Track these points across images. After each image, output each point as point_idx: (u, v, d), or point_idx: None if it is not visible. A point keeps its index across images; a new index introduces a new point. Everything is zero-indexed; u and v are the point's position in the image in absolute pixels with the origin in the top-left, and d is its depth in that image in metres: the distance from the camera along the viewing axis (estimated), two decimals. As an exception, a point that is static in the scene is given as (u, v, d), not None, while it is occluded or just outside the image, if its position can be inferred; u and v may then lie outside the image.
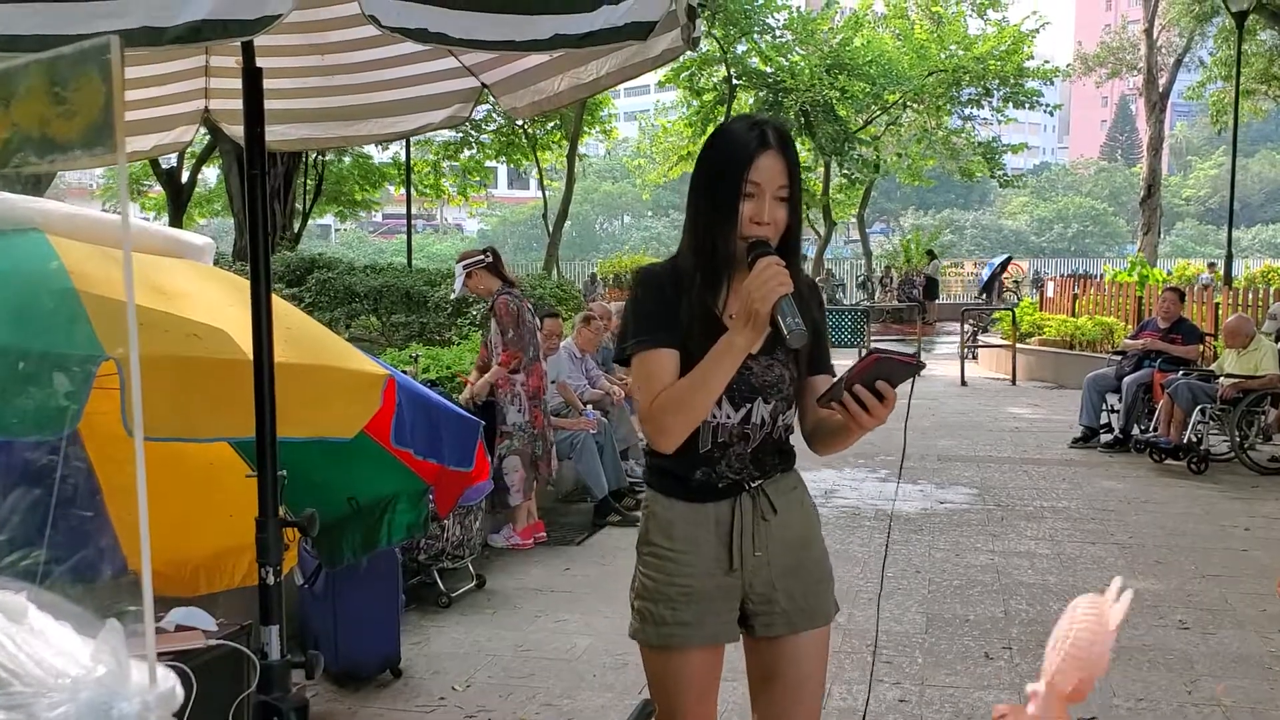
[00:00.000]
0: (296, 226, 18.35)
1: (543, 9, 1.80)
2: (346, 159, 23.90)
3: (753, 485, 2.32)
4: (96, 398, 2.74)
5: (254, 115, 2.37)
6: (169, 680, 0.69)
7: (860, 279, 32.26)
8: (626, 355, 2.27)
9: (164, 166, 20.13)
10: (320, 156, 20.88)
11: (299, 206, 18.94)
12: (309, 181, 20.24)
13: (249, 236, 2.41)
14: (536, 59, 2.94)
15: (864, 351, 2.08)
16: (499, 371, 6.50)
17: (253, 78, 2.37)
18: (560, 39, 1.84)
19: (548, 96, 3.02)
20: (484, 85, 3.16)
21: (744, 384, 2.27)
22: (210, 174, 23.59)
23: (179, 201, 20.33)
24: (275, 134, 3.22)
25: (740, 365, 2.19)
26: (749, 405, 2.29)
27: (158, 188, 22.38)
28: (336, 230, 57.18)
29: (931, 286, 27.29)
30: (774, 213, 2.19)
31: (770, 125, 2.22)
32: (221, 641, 2.63)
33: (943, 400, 13.42)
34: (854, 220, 36.76)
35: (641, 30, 1.93)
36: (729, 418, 2.28)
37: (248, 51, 2.37)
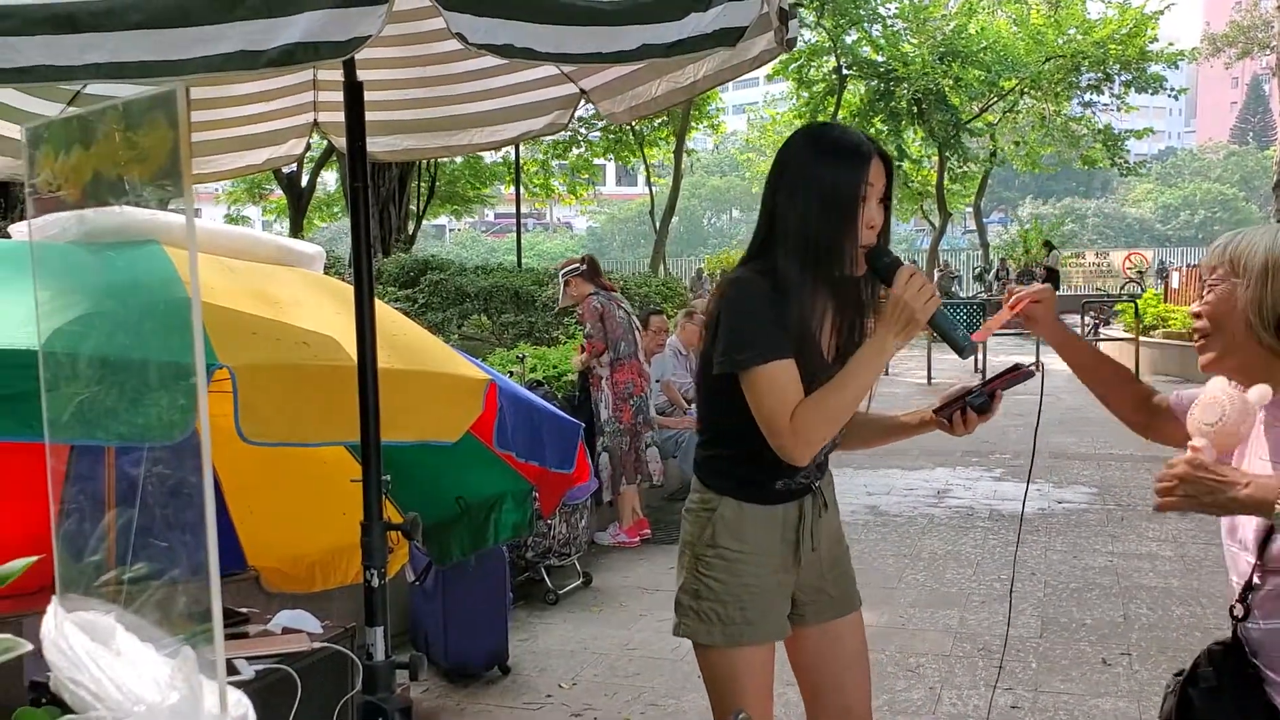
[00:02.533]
0: (411, 228, 18.74)
1: (629, 20, 1.80)
2: (458, 159, 24.31)
3: (816, 485, 2.39)
4: (217, 400, 2.83)
5: (356, 129, 2.43)
6: (241, 706, 0.72)
7: (977, 271, 31.55)
8: (744, 366, 2.16)
9: (285, 172, 20.74)
10: (433, 159, 21.30)
11: (413, 209, 19.34)
12: (422, 184, 20.65)
13: (352, 246, 2.48)
14: (635, 64, 2.95)
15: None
16: (583, 358, 6.85)
17: (354, 92, 2.43)
18: (648, 49, 1.84)
19: (646, 101, 3.02)
20: (583, 91, 3.18)
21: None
22: (330, 178, 24.24)
23: (299, 206, 20.95)
24: (380, 145, 3.30)
25: (815, 371, 2.21)
26: None
27: (278, 192, 23.08)
28: (451, 230, 58.21)
29: (1052, 278, 26.56)
30: (878, 217, 2.24)
31: (864, 135, 2.29)
32: (325, 644, 2.70)
33: (1060, 396, 12.97)
34: (970, 210, 35.98)
35: (731, 36, 1.91)
36: None
37: (349, 67, 2.43)
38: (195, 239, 0.73)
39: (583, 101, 3.22)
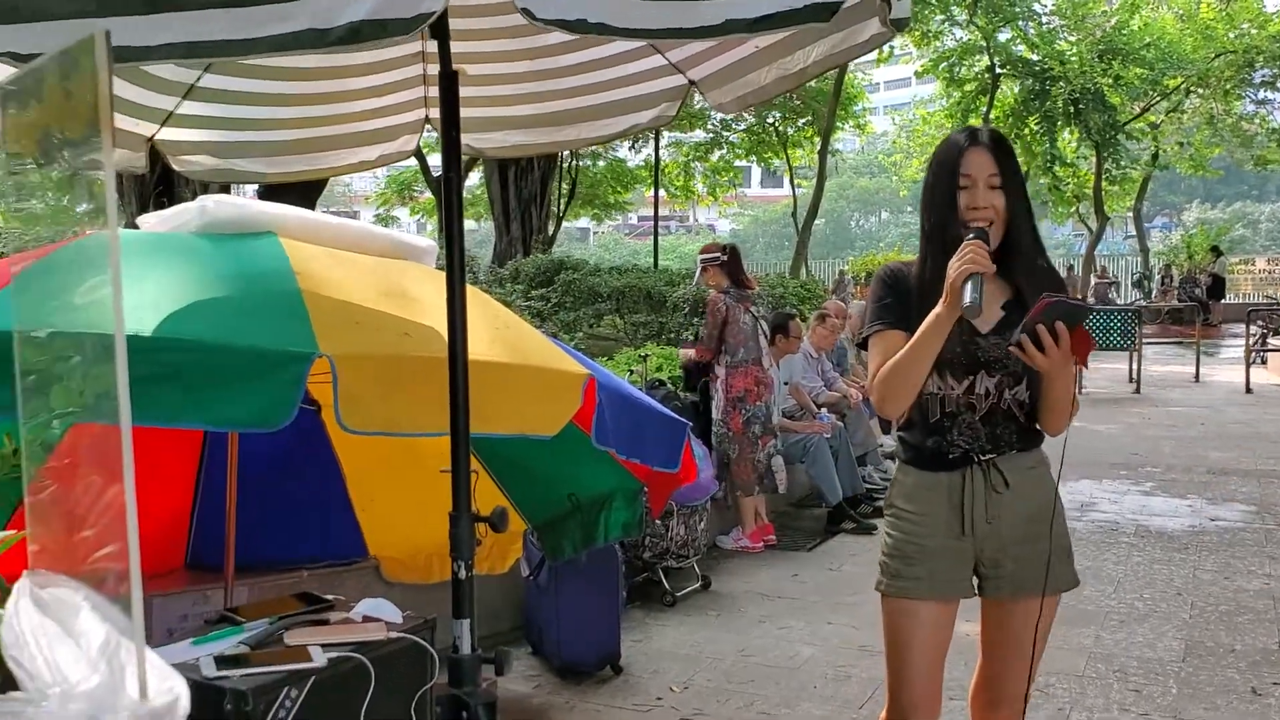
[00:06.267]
0: (551, 230, 18.95)
1: (713, -8, 1.72)
2: (600, 162, 24.48)
3: (983, 459, 2.52)
4: (329, 390, 2.84)
5: (450, 118, 2.40)
6: (168, 695, 0.67)
7: (1136, 277, 30.22)
8: (864, 340, 2.59)
9: (435, 174, 21.23)
10: (575, 160, 21.48)
11: (554, 210, 19.55)
12: (563, 186, 20.85)
13: (445, 240, 2.46)
14: (742, 51, 2.86)
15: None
16: (688, 354, 6.94)
17: (449, 81, 2.41)
18: (732, 24, 1.75)
19: (754, 90, 2.94)
20: (691, 82, 3.11)
21: (969, 358, 2.50)
22: (473, 178, 24.70)
23: (447, 207, 21.35)
24: (489, 141, 3.29)
25: (966, 341, 2.47)
26: (972, 377, 2.51)
27: (428, 193, 23.64)
28: (595, 233, 58.72)
29: (1218, 285, 25.23)
30: (989, 199, 2.46)
31: (982, 128, 2.57)
32: (402, 635, 2.68)
33: (1222, 408, 12.34)
34: (1130, 214, 34.50)
35: (823, 12, 1.80)
36: (953, 389, 2.52)
37: (444, 55, 2.41)
38: (114, 200, 0.69)
39: (691, 92, 3.15)
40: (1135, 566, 6.14)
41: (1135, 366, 14.09)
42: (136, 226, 3.50)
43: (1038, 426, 2.58)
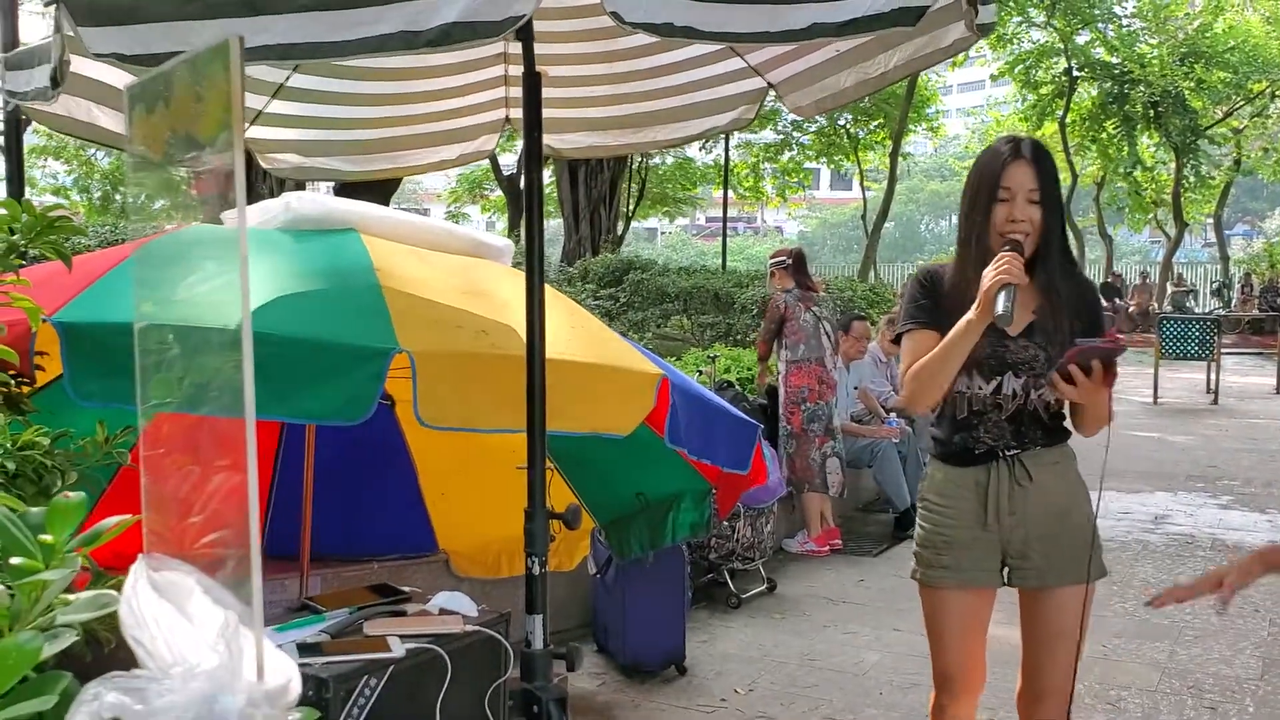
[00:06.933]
0: (620, 229, 19.01)
1: (799, -3, 1.72)
2: (670, 160, 24.49)
3: (1008, 454, 2.61)
4: (404, 385, 2.89)
5: (533, 119, 2.43)
6: (282, 676, 0.69)
7: (1215, 285, 29.50)
8: (898, 336, 2.71)
9: (505, 172, 21.42)
10: (645, 160, 21.51)
11: (623, 210, 19.61)
12: (633, 186, 20.89)
13: (525, 239, 2.49)
14: (823, 55, 2.86)
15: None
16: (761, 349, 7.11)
17: (532, 82, 2.43)
18: (819, 28, 1.75)
19: (833, 93, 2.93)
20: (770, 85, 3.11)
21: (997, 359, 2.58)
22: (545, 177, 24.83)
23: (518, 205, 21.57)
24: (566, 142, 3.32)
25: (995, 343, 2.55)
26: (999, 378, 2.60)
27: (498, 191, 23.84)
28: (663, 234, 58.70)
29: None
30: (1027, 212, 2.53)
31: (1024, 139, 2.61)
32: (478, 628, 2.72)
33: (1306, 420, 12.00)
34: (1210, 221, 33.70)
35: (910, 15, 1.80)
36: (981, 389, 2.61)
37: (528, 57, 2.44)
38: (244, 198, 0.72)
39: (770, 95, 3.15)
40: (1212, 581, 6.00)
41: (1213, 377, 13.78)
42: (220, 222, 3.59)
43: (1064, 425, 2.68)
